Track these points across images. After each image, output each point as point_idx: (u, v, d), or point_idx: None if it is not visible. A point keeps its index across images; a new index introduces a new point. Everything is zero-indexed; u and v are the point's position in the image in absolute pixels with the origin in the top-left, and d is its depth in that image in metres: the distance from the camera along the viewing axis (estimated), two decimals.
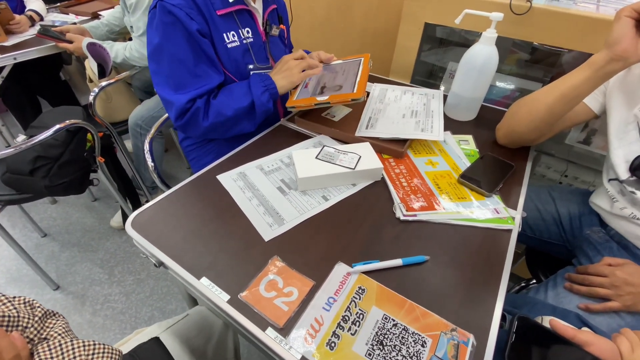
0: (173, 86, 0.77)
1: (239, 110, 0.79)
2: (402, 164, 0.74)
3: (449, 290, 0.50)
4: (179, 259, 0.52)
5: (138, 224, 0.58)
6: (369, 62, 0.89)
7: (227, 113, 0.78)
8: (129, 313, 1.24)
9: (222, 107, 0.79)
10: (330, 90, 0.81)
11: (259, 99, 0.79)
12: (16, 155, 1.01)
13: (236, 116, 0.79)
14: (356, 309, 0.46)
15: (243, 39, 0.84)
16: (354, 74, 0.85)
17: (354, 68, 0.88)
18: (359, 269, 0.51)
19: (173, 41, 0.74)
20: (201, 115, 0.78)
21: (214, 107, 0.78)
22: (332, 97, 0.77)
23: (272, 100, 0.81)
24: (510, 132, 0.78)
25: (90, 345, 0.40)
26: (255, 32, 0.86)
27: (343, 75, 0.86)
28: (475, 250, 0.56)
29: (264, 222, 0.59)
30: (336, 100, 0.77)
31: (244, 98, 0.79)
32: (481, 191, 0.66)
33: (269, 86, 0.80)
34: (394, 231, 0.59)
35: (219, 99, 0.79)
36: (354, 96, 0.75)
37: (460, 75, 0.86)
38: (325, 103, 0.77)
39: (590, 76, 0.61)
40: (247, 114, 0.80)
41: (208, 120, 0.79)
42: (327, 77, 0.88)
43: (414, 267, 0.53)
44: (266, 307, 0.46)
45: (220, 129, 0.82)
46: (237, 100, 0.79)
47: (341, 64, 0.93)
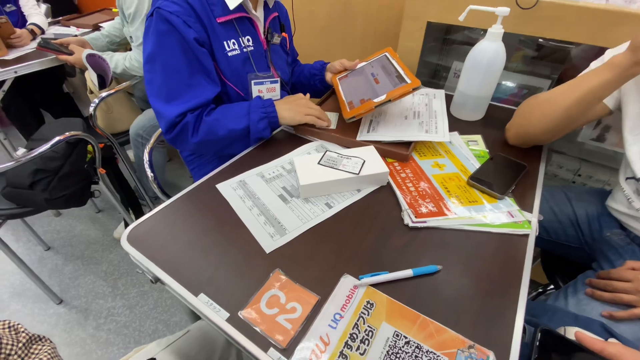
0: (165, 97, 0.75)
1: (233, 132, 0.76)
2: (407, 167, 0.71)
3: (465, 303, 0.46)
4: (176, 274, 0.50)
5: (134, 237, 0.56)
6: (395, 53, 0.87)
7: (220, 133, 0.76)
8: (133, 326, 1.21)
9: (215, 125, 0.76)
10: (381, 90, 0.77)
11: (255, 126, 0.76)
12: (16, 169, 1.00)
13: (229, 137, 0.77)
14: (365, 325, 0.43)
15: (243, 47, 0.82)
16: (389, 69, 0.82)
17: (385, 63, 0.86)
18: (367, 281, 0.48)
19: (168, 50, 0.72)
20: (190, 131, 0.75)
21: (205, 125, 0.76)
22: (390, 94, 0.74)
23: (269, 128, 0.78)
24: (522, 133, 0.74)
25: None
26: (256, 40, 0.84)
27: (379, 76, 0.83)
28: (490, 257, 0.52)
29: (265, 233, 0.56)
30: (396, 95, 0.72)
31: (240, 121, 0.76)
32: (493, 193, 0.63)
33: (270, 114, 0.77)
34: (402, 239, 0.55)
35: (213, 117, 0.76)
36: (414, 85, 0.71)
37: (466, 74, 0.83)
38: (386, 102, 0.73)
39: (612, 79, 0.58)
40: (240, 137, 0.77)
41: (197, 136, 0.76)
42: (359, 82, 0.86)
43: (426, 278, 0.49)
44: (268, 325, 0.43)
45: (211, 147, 0.79)
46: (233, 121, 0.76)
47: (367, 65, 0.91)
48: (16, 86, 1.61)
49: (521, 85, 1.13)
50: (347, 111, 0.81)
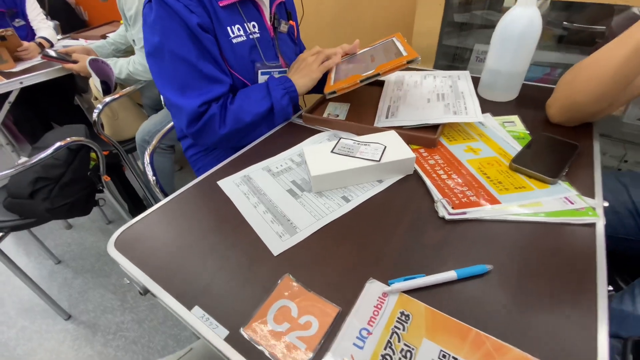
0: (178, 88, 0.69)
1: (258, 116, 0.72)
2: (435, 153, 0.61)
3: (528, 312, 0.36)
4: (167, 284, 0.42)
5: (122, 243, 0.48)
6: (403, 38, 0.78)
7: (246, 119, 0.71)
8: (142, 342, 1.14)
9: (240, 112, 0.71)
10: (373, 66, 0.69)
11: (279, 103, 0.72)
12: (17, 178, 0.96)
13: (254, 122, 0.72)
14: (400, 344, 0.34)
15: (249, 33, 0.75)
16: (390, 49, 0.74)
17: (388, 45, 0.77)
18: (398, 287, 0.38)
19: (173, 38, 0.66)
20: (217, 122, 0.70)
21: (231, 113, 0.71)
22: (379, 67, 0.66)
23: (291, 104, 0.75)
24: (568, 105, 0.63)
25: None
26: (262, 27, 0.78)
27: (377, 56, 0.75)
28: (551, 253, 0.42)
29: (272, 232, 0.48)
30: (386, 69, 0.64)
31: (263, 102, 0.72)
32: (544, 177, 0.52)
33: (289, 89, 0.73)
34: (438, 235, 0.46)
35: (237, 104, 0.72)
36: (409, 57, 0.63)
37: (495, 48, 0.73)
38: (374, 76, 0.65)
39: None
40: (265, 118, 0.73)
41: (226, 127, 0.71)
42: (359, 64, 0.77)
43: (473, 281, 0.39)
44: (276, 345, 0.34)
45: (237, 136, 0.73)
46: (255, 104, 0.72)
47: (369, 50, 0.83)
48: (27, 100, 1.62)
49: (555, 63, 1.02)
50: (330, 85, 0.72)
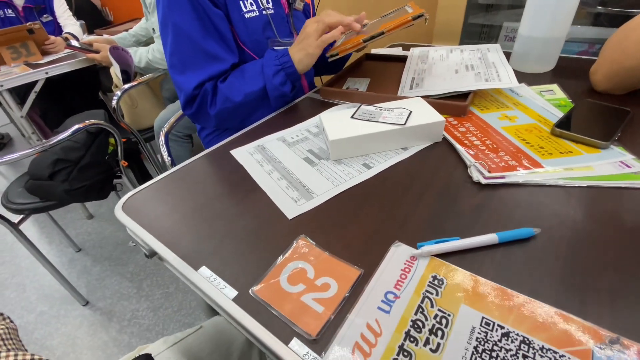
0: (178, 65, 0.66)
1: (250, 96, 0.65)
2: (466, 121, 0.56)
3: (587, 279, 0.30)
4: (174, 246, 0.38)
5: (130, 207, 0.46)
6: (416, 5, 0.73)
7: (236, 99, 0.65)
8: (156, 330, 1.13)
9: (230, 91, 0.65)
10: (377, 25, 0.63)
11: (271, 82, 0.64)
12: (37, 160, 0.97)
13: (247, 103, 0.66)
14: (434, 309, 0.29)
15: (262, 9, 0.72)
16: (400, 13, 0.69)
17: (398, 13, 0.72)
18: (429, 249, 0.33)
19: (177, 12, 0.63)
20: (208, 102, 0.66)
21: (221, 92, 0.66)
22: (384, 25, 0.60)
23: (289, 82, 0.66)
24: (616, 70, 0.57)
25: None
26: (276, 3, 0.74)
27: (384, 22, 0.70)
28: (609, 218, 0.36)
29: (287, 198, 0.44)
30: (391, 27, 0.59)
31: (256, 80, 0.65)
32: (594, 142, 0.46)
33: (285, 65, 0.64)
34: (473, 200, 0.40)
35: (228, 81, 0.66)
36: (414, 13, 0.58)
37: (530, 12, 0.67)
38: (378, 34, 0.60)
39: None
40: (260, 99, 0.66)
41: (215, 107, 0.66)
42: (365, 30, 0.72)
43: (518, 246, 0.34)
44: (290, 307, 0.30)
45: (231, 117, 0.69)
46: (249, 83, 0.65)
47: (379, 20, 0.78)
48: (52, 93, 1.67)
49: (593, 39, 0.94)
50: (332, 48, 0.67)
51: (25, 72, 1.31)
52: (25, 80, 1.30)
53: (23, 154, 0.88)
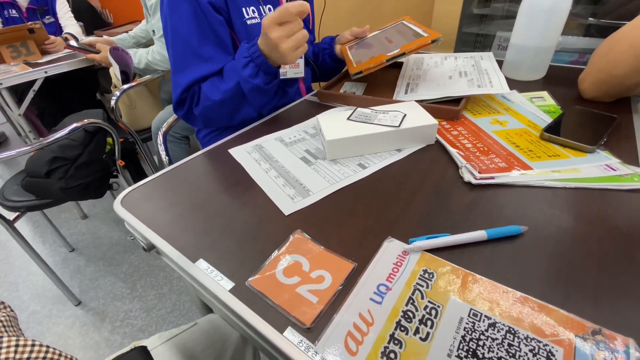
0: (174, 68, 0.68)
1: (227, 93, 0.63)
2: (459, 125, 0.58)
3: (572, 273, 0.31)
4: (172, 239, 0.39)
5: (129, 202, 0.47)
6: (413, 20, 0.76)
7: (214, 97, 0.64)
8: (149, 330, 1.12)
9: (210, 90, 0.65)
10: (395, 46, 0.67)
11: (241, 75, 0.60)
12: (35, 158, 0.97)
13: (226, 100, 0.64)
14: (424, 301, 0.30)
15: (264, 16, 0.74)
16: (405, 31, 0.72)
17: (400, 27, 0.75)
18: (420, 245, 0.35)
19: (177, 15, 0.65)
20: (195, 102, 0.67)
21: (202, 91, 0.66)
22: (404, 46, 0.64)
23: (262, 73, 0.59)
24: (603, 78, 0.59)
25: (25, 347, 0.27)
26: None
27: (394, 38, 0.73)
28: (594, 217, 0.37)
29: (284, 195, 0.45)
30: (412, 48, 0.63)
31: (231, 77, 0.63)
32: (581, 146, 0.48)
33: (254, 55, 0.58)
34: (464, 199, 0.42)
35: (209, 81, 0.66)
36: (433, 37, 0.62)
37: (522, 22, 0.69)
38: (400, 55, 0.64)
39: None
40: (238, 96, 0.64)
41: (198, 107, 0.67)
42: (377, 46, 0.75)
43: (506, 243, 0.35)
44: (285, 297, 0.31)
45: (215, 116, 0.68)
46: (225, 80, 0.64)
47: (380, 32, 0.81)
48: (50, 93, 1.67)
49: (583, 49, 0.97)
50: (353, 66, 0.70)
51: (25, 71, 1.31)
52: (25, 79, 1.31)
53: (20, 151, 0.88)
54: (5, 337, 0.27)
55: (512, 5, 1.16)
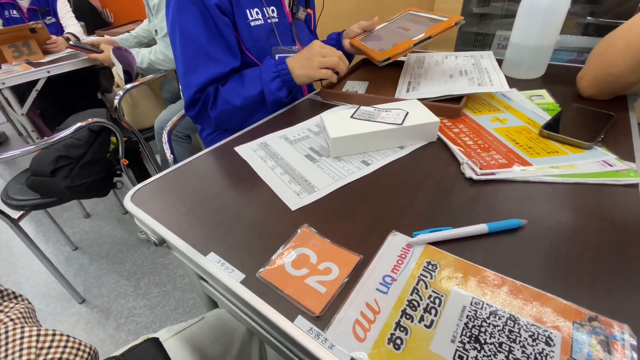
0: (183, 68, 0.69)
1: (248, 100, 0.69)
2: (460, 123, 0.59)
3: (570, 264, 0.33)
4: (183, 234, 0.40)
5: (139, 198, 0.48)
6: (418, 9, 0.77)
7: (235, 102, 0.69)
8: (153, 328, 1.13)
9: (230, 94, 0.69)
10: (417, 31, 0.68)
11: (268, 86, 0.68)
12: (40, 157, 0.98)
13: (245, 106, 0.69)
14: (428, 290, 0.31)
15: (267, 17, 0.75)
16: (418, 19, 0.73)
17: (410, 17, 0.76)
18: (424, 238, 0.36)
19: (185, 16, 0.66)
20: (210, 104, 0.70)
21: (221, 95, 0.69)
22: (429, 30, 0.65)
23: (285, 88, 0.68)
24: (601, 77, 0.60)
25: (47, 336, 0.28)
26: (280, 12, 0.78)
27: (409, 26, 0.74)
28: (591, 211, 0.39)
29: (290, 191, 0.46)
30: (437, 31, 0.64)
31: (254, 85, 0.69)
32: (579, 142, 0.49)
33: (282, 72, 0.67)
34: (465, 195, 0.43)
35: (228, 85, 0.70)
36: (455, 19, 0.63)
37: (521, 21, 0.70)
38: (426, 39, 0.64)
39: None
40: (258, 103, 0.70)
41: (215, 109, 0.70)
42: (385, 35, 0.76)
43: (506, 235, 0.37)
44: (295, 288, 0.32)
45: (230, 119, 0.72)
46: (247, 87, 0.69)
47: (389, 24, 0.82)
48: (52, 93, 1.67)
49: (582, 48, 0.98)
50: (379, 54, 0.70)
51: (27, 71, 1.32)
52: (27, 79, 1.31)
53: (25, 150, 0.89)
54: (27, 327, 0.28)
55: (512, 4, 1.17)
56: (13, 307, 0.32)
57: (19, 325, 0.29)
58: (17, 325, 0.29)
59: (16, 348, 0.27)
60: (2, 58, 1.44)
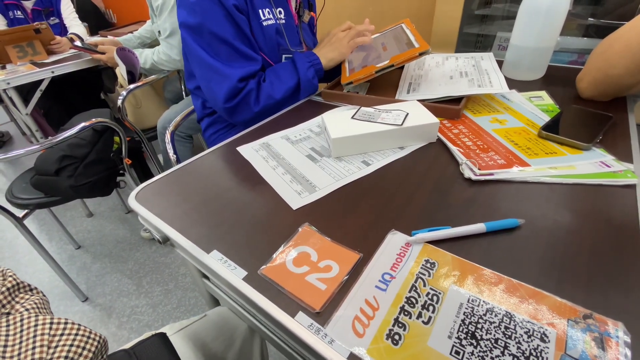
0: (215, 60, 0.70)
1: (287, 91, 0.74)
2: (459, 124, 0.59)
3: (565, 262, 0.33)
4: (187, 232, 0.41)
5: (143, 197, 0.49)
6: (411, 24, 0.79)
7: (277, 96, 0.73)
8: (155, 326, 1.14)
9: (272, 89, 0.73)
10: (386, 56, 0.71)
11: (305, 75, 0.74)
12: (44, 156, 0.99)
13: (284, 98, 0.74)
14: (426, 288, 0.32)
15: (276, 19, 0.77)
16: (401, 37, 0.75)
17: (398, 32, 0.78)
18: (423, 237, 0.37)
19: (213, 19, 0.68)
20: (253, 99, 0.72)
21: (265, 90, 0.73)
22: (393, 58, 0.68)
23: (317, 77, 0.76)
24: (601, 78, 0.61)
25: (59, 324, 0.29)
26: (288, 14, 0.79)
27: (389, 45, 0.76)
28: (588, 211, 0.39)
29: (291, 191, 0.47)
30: (400, 60, 0.67)
31: (291, 77, 0.74)
32: (577, 143, 0.50)
33: (314, 62, 0.75)
34: (464, 194, 0.44)
35: (268, 81, 0.74)
36: (421, 49, 0.65)
37: (521, 23, 0.71)
38: (388, 67, 0.68)
39: None
40: (293, 94, 0.75)
41: (259, 104, 0.73)
42: (370, 52, 0.78)
43: (503, 235, 0.37)
44: (296, 285, 0.33)
45: (268, 113, 0.74)
46: (285, 81, 0.74)
47: (379, 36, 0.83)
48: (55, 93, 1.69)
49: (582, 49, 0.98)
50: (346, 76, 0.74)
51: (32, 71, 1.33)
52: (32, 79, 1.33)
53: (30, 149, 0.90)
54: (41, 316, 0.29)
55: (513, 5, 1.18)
56: (28, 299, 0.33)
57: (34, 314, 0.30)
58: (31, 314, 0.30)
59: (30, 334, 0.28)
60: (7, 58, 1.46)
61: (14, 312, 0.30)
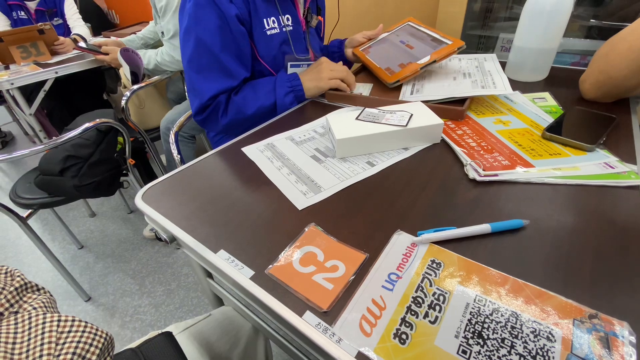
0: (196, 73, 0.71)
1: (261, 109, 0.73)
2: (463, 125, 0.60)
3: (571, 263, 0.34)
4: (194, 232, 0.41)
5: (149, 197, 0.49)
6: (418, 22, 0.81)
7: (248, 111, 0.72)
8: (158, 326, 1.15)
9: (243, 104, 0.72)
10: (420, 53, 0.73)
11: (282, 101, 0.73)
12: (48, 156, 1.00)
13: (257, 115, 0.73)
14: (432, 288, 0.32)
15: (283, 26, 0.77)
16: (419, 35, 0.78)
17: (411, 31, 0.80)
18: (428, 237, 0.37)
19: (202, 24, 0.68)
20: (220, 111, 0.73)
21: (234, 104, 0.72)
22: (434, 54, 0.70)
23: (296, 102, 0.74)
24: (603, 79, 0.61)
25: (67, 322, 0.30)
26: (295, 21, 0.79)
27: (412, 43, 0.78)
28: (592, 212, 0.39)
29: (296, 191, 0.47)
30: (442, 56, 0.69)
31: (267, 97, 0.73)
32: (581, 145, 0.50)
33: (296, 87, 0.73)
34: (469, 195, 0.44)
35: (241, 95, 0.73)
36: (458, 44, 0.69)
37: (524, 24, 0.71)
38: (431, 63, 0.70)
39: None
40: (268, 113, 0.74)
41: (227, 117, 0.73)
42: (389, 50, 0.80)
43: (509, 235, 0.37)
44: (303, 284, 0.33)
45: (239, 126, 0.75)
46: (260, 98, 0.72)
47: (389, 34, 0.85)
48: (59, 93, 1.70)
49: (585, 51, 0.98)
50: (389, 76, 0.73)
51: (36, 71, 1.34)
52: (36, 79, 1.33)
53: (34, 149, 0.90)
54: (49, 314, 0.30)
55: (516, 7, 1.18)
56: (36, 298, 0.33)
57: (41, 312, 0.30)
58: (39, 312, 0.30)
59: (38, 332, 0.28)
60: (11, 59, 1.47)
61: (22, 311, 0.31)
